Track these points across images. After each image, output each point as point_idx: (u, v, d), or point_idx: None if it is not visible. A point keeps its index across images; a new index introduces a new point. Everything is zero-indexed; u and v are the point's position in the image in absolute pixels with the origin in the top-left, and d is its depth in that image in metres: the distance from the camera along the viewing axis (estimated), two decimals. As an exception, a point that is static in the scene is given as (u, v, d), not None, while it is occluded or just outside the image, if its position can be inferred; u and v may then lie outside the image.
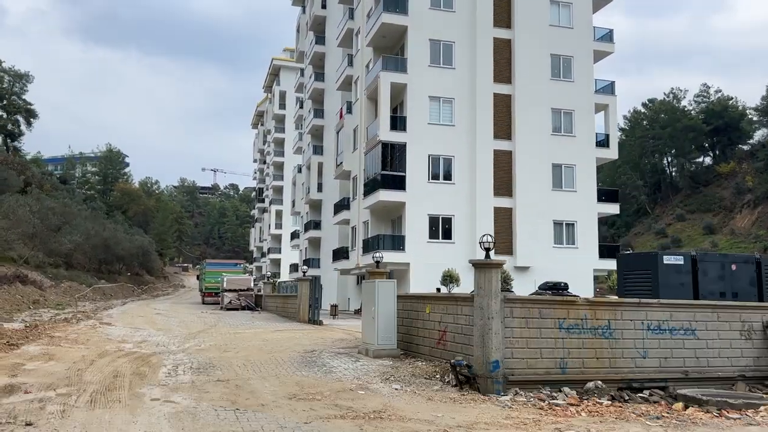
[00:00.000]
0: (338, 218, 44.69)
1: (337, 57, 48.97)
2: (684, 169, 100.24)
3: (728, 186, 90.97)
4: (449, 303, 12.45)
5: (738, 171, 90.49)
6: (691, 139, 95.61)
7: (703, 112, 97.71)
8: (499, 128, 36.79)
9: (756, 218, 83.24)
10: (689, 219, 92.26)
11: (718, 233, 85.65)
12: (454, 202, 35.62)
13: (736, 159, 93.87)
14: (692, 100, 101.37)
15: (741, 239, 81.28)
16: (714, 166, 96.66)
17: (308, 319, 23.33)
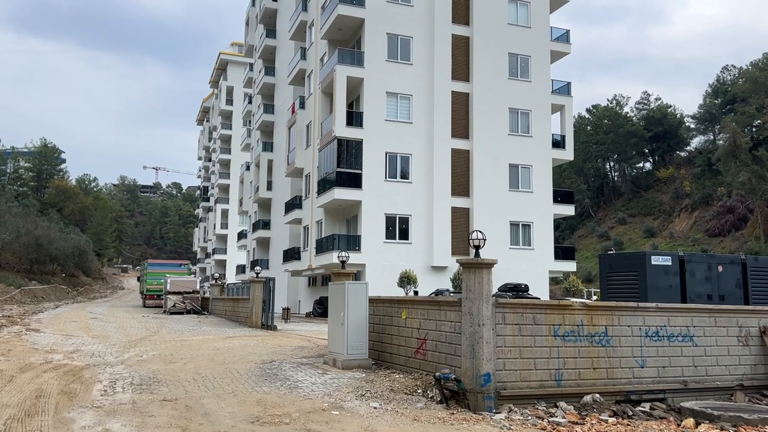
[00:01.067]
0: (289, 217, 42.80)
1: (289, 50, 47.07)
2: (626, 174, 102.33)
3: (667, 191, 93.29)
4: (431, 307, 11.04)
5: (676, 176, 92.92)
6: (633, 145, 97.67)
7: (644, 119, 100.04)
8: (457, 127, 35.77)
9: (693, 222, 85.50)
10: (631, 222, 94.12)
11: (657, 236, 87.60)
12: (411, 201, 34.37)
13: (674, 165, 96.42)
14: (633, 107, 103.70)
15: (679, 242, 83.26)
16: (654, 171, 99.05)
17: (261, 323, 21.56)
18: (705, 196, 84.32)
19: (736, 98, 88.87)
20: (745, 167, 74.66)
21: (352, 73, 34.23)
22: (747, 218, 76.88)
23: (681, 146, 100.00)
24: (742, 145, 77.62)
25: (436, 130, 35.00)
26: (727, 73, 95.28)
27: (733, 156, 78.65)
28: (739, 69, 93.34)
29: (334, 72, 34.18)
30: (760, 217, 72.90)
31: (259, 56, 54.78)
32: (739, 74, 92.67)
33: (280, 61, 51.31)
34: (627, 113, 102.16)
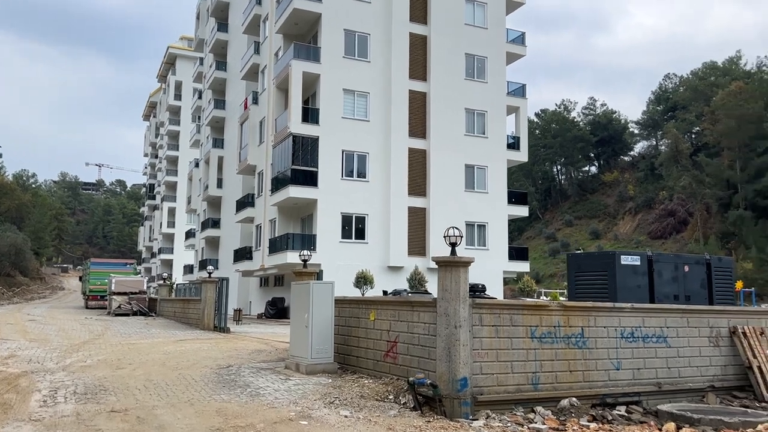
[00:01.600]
0: (241, 216, 41.55)
1: (241, 45, 45.76)
2: (572, 177, 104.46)
3: (612, 194, 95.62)
4: (402, 308, 10.43)
5: (621, 180, 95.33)
6: (580, 149, 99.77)
7: (590, 124, 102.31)
8: (414, 126, 35.36)
9: (637, 225, 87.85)
10: (577, 224, 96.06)
11: (602, 238, 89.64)
12: (368, 200, 33.75)
13: (619, 169, 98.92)
14: (580, 112, 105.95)
15: (624, 244, 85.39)
16: (599, 175, 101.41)
17: (214, 326, 20.51)
18: (648, 199, 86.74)
19: (678, 105, 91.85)
20: (686, 172, 77.09)
21: (308, 69, 33.39)
22: (687, 221, 79.42)
23: (625, 151, 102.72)
24: (683, 150, 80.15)
25: (394, 129, 34.49)
26: (668, 81, 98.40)
27: (675, 161, 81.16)
28: (680, 78, 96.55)
29: (290, 67, 33.26)
30: (699, 221, 75.35)
31: (210, 50, 53.17)
32: (680, 83, 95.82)
33: (232, 56, 49.90)
34: (574, 118, 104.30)
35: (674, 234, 79.67)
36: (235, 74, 47.19)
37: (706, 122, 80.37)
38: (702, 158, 78.10)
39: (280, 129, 34.52)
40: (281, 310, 36.55)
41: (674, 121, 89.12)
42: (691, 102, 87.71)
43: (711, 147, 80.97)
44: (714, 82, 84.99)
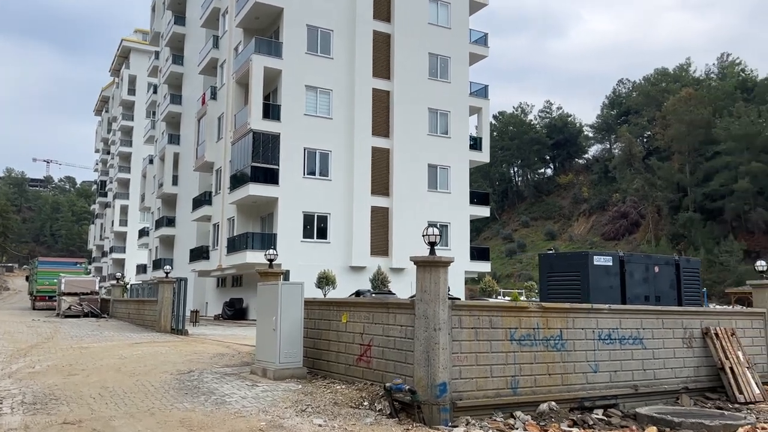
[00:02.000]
0: (198, 214, 40.38)
1: (199, 38, 44.52)
2: (529, 179, 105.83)
3: (567, 196, 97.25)
4: (377, 310, 9.97)
5: (575, 182, 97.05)
6: (536, 152, 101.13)
7: (546, 127, 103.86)
8: (378, 125, 34.95)
9: (591, 226, 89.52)
10: (533, 225, 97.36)
11: (558, 239, 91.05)
12: (330, 199, 33.17)
13: (574, 171, 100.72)
14: (537, 115, 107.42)
15: (578, 245, 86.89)
16: (555, 177, 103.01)
17: (171, 328, 19.61)
18: (601, 201, 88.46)
19: (631, 110, 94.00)
20: (639, 175, 78.88)
21: (269, 64, 32.61)
22: (639, 223, 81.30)
23: (580, 154, 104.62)
24: (636, 154, 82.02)
25: (357, 127, 34.02)
26: (622, 86, 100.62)
27: (628, 164, 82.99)
28: (633, 83, 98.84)
29: (251, 62, 32.42)
30: (651, 222, 77.22)
31: (167, 44, 51.63)
32: (632, 88, 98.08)
33: (189, 50, 48.54)
34: (531, 121, 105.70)
35: (627, 235, 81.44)
36: (193, 69, 45.92)
37: (658, 127, 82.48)
38: (654, 162, 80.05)
39: (239, 125, 33.62)
40: (239, 311, 35.65)
41: (627, 125, 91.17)
42: (644, 107, 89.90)
43: (662, 151, 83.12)
44: (665, 87, 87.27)
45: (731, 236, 68.18)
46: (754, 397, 11.29)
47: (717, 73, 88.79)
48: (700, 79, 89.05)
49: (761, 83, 79.95)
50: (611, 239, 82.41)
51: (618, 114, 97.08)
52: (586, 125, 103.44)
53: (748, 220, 70.08)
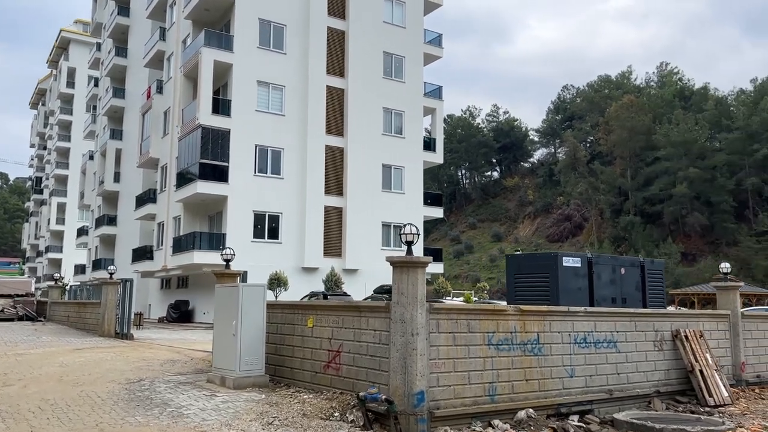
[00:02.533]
0: (141, 213, 38.67)
1: (145, 30, 42.72)
2: (476, 182, 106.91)
3: (513, 198, 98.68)
4: (348, 314, 9.32)
5: (521, 185, 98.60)
6: (483, 155, 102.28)
7: (493, 131, 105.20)
8: (332, 123, 34.21)
9: (536, 228, 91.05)
10: (480, 227, 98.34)
11: (504, 240, 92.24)
12: (282, 198, 32.22)
13: (519, 174, 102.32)
14: (484, 118, 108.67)
15: (524, 246, 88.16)
16: (501, 179, 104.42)
17: (115, 332, 18.37)
18: (546, 204, 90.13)
19: (575, 115, 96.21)
20: (583, 179, 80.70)
21: (219, 58, 31.44)
22: (582, 226, 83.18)
23: (525, 157, 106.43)
24: (580, 158, 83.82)
25: (311, 125, 33.19)
26: (566, 92, 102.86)
27: (573, 168, 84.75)
28: (577, 89, 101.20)
29: (200, 55, 31.18)
30: (594, 225, 79.05)
31: (109, 35, 49.37)
32: (577, 94, 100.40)
33: (133, 42, 46.55)
34: (478, 124, 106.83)
35: (570, 237, 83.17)
36: (137, 61, 44.05)
37: (601, 132, 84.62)
38: (597, 166, 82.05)
39: (187, 120, 32.29)
40: (185, 313, 34.27)
41: (571, 130, 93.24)
42: (587, 112, 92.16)
43: (605, 156, 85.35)
44: (608, 94, 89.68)
45: (669, 239, 70.45)
46: (723, 400, 11.21)
47: (656, 82, 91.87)
48: (640, 87, 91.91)
49: (698, 92, 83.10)
50: (555, 241, 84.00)
51: (563, 119, 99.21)
52: (531, 129, 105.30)
53: (686, 224, 72.59)
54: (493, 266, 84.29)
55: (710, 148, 73.09)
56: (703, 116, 75.18)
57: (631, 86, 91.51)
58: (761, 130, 68.88)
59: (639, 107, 79.91)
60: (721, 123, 74.04)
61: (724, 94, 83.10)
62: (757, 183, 69.28)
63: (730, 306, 12.97)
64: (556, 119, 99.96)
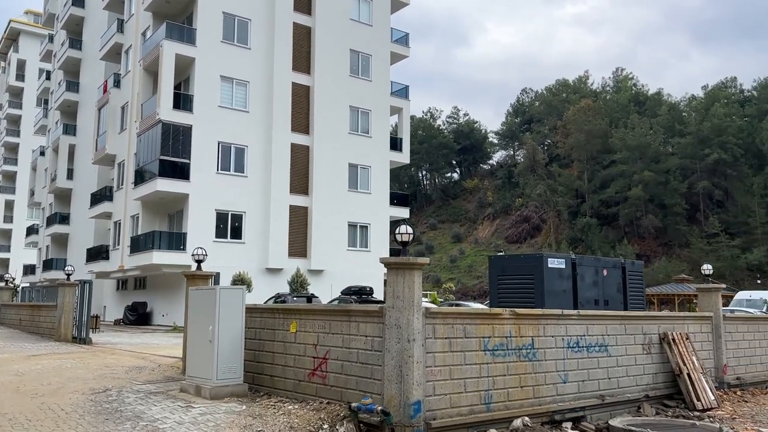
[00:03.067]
0: (97, 211, 37.08)
1: (101, 22, 41.02)
2: (437, 183, 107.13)
3: (473, 200, 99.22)
4: (336, 318, 8.73)
5: (481, 187, 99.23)
6: (444, 156, 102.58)
7: (454, 132, 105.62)
8: (297, 120, 33.42)
9: (495, 229, 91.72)
10: (440, 228, 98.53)
11: (464, 241, 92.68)
12: (246, 197, 31.28)
13: (479, 176, 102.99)
14: (445, 120, 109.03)
15: (483, 248, 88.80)
16: (461, 181, 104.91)
17: (72, 336, 17.26)
18: (505, 206, 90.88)
19: (533, 118, 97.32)
20: (542, 181, 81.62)
21: (182, 51, 30.32)
22: (540, 227, 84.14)
23: (485, 159, 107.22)
24: (540, 160, 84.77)
25: (276, 122, 32.33)
26: (525, 95, 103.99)
27: (532, 170, 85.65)
28: (536, 93, 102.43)
29: (161, 48, 30.00)
30: (552, 226, 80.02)
31: (63, 26, 47.32)
32: (535, 97, 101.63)
33: (89, 34, 44.71)
34: (439, 126, 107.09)
35: (529, 239, 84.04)
36: (93, 54, 42.31)
37: (559, 135, 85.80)
38: (556, 168, 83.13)
39: (147, 115, 31.05)
40: (143, 315, 32.98)
41: (530, 133, 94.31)
42: (546, 116, 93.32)
43: (562, 158, 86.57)
44: (566, 98, 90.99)
45: (625, 240, 71.86)
46: (710, 404, 11.04)
47: (612, 87, 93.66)
48: (597, 92, 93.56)
49: (652, 97, 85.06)
50: (514, 242, 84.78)
51: (521, 122, 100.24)
52: (491, 132, 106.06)
53: (640, 226, 74.17)
54: (454, 267, 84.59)
55: (664, 152, 74.89)
56: (657, 121, 76.99)
57: (588, 90, 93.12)
58: (712, 135, 70.90)
59: (596, 111, 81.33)
60: (674, 128, 75.95)
61: (677, 100, 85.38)
62: (708, 186, 71.27)
63: (712, 308, 12.87)
64: (515, 122, 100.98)
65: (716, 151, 69.80)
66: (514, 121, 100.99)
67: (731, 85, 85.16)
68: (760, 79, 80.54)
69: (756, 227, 65.94)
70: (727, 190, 72.26)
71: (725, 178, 71.76)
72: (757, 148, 71.50)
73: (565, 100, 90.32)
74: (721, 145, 70.11)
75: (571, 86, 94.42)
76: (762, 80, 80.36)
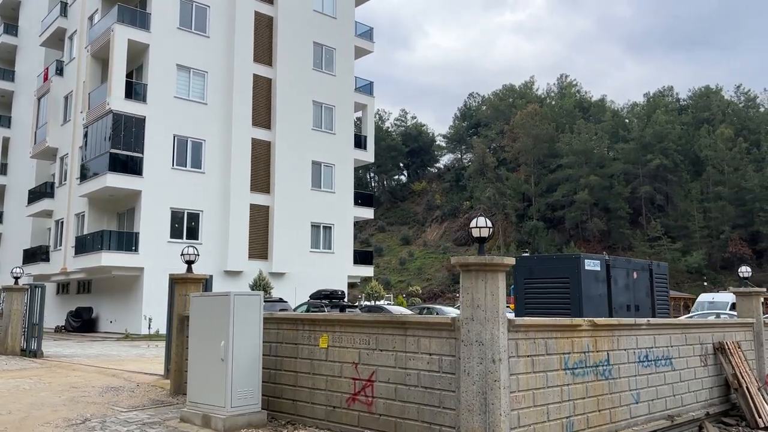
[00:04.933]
0: (35, 209, 33.71)
1: (40, 5, 37.55)
2: (385, 185, 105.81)
3: (421, 202, 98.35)
4: (386, 332, 6.97)
5: (429, 189, 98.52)
6: (392, 158, 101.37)
7: (402, 135, 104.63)
8: (259, 114, 31.24)
9: (443, 232, 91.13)
10: (389, 230, 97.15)
11: (413, 244, 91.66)
12: (203, 194, 28.89)
13: (427, 179, 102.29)
14: (393, 122, 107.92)
15: (432, 250, 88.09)
16: (409, 183, 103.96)
17: (21, 349, 14.64)
18: (453, 208, 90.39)
19: (481, 122, 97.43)
20: (491, 184, 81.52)
21: (134, 37, 27.71)
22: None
23: (432, 162, 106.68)
24: (489, 164, 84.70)
25: (236, 116, 30.07)
26: (472, 99, 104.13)
27: (481, 173, 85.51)
28: (483, 97, 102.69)
29: (113, 32, 27.30)
30: (501, 229, 79.98)
31: (-4, 10, 43.30)
32: (482, 102, 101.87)
33: (26, 18, 40.95)
34: (388, 128, 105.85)
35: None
36: (30, 40, 38.73)
37: (507, 139, 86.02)
38: (504, 172, 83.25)
39: (95, 105, 28.23)
40: (87, 322, 30.01)
41: (477, 136, 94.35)
42: (493, 120, 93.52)
43: (509, 162, 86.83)
44: (512, 103, 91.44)
45: (572, 243, 72.47)
46: (770, 419, 9.90)
47: (557, 93, 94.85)
48: (542, 97, 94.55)
49: (596, 104, 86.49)
50: (462, 245, 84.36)
51: (468, 126, 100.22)
52: (439, 135, 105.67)
53: (585, 229, 75.01)
54: (403, 269, 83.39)
55: (608, 157, 76.05)
56: (602, 127, 78.19)
57: (533, 96, 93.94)
58: (654, 141, 72.45)
59: (542, 116, 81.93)
60: (618, 134, 77.29)
61: (620, 107, 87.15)
62: (650, 191, 72.76)
63: (752, 313, 11.81)
64: (463, 126, 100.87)
65: (658, 156, 71.35)
66: (461, 125, 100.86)
67: (668, 93, 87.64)
68: (695, 89, 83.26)
69: (695, 231, 67.67)
70: (668, 194, 74.03)
71: (666, 183, 73.47)
72: (695, 155, 73.59)
73: (512, 105, 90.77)
74: (662, 151, 71.72)
75: (518, 91, 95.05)
76: (696, 90, 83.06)
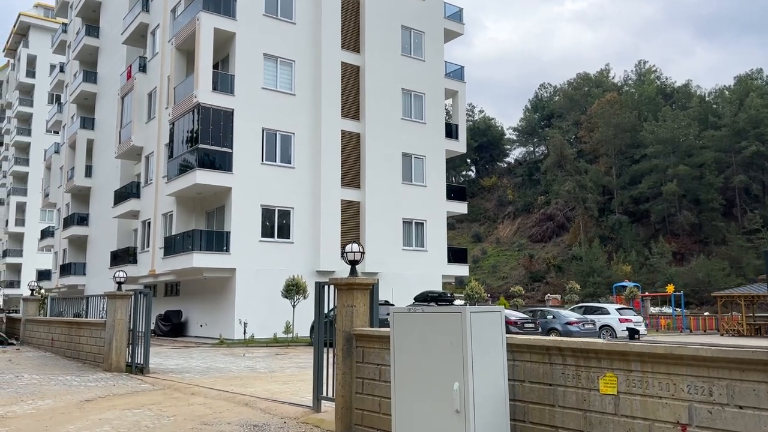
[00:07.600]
0: (122, 210, 32.56)
1: (121, 4, 36.58)
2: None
3: (491, 198, 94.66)
4: (746, 375, 4.25)
5: (499, 185, 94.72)
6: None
7: (470, 130, 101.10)
8: (347, 104, 29.00)
9: (517, 228, 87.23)
10: (459, 228, 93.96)
11: (484, 241, 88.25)
12: (293, 191, 26.85)
13: (497, 174, 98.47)
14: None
15: (505, 247, 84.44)
16: (478, 179, 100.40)
17: (126, 364, 12.67)
18: (527, 204, 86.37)
19: (554, 114, 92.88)
20: (570, 177, 77.15)
21: (220, 25, 25.91)
22: (566, 225, 79.56)
23: (502, 157, 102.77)
24: (567, 156, 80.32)
25: (325, 107, 27.90)
26: (544, 90, 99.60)
27: (559, 166, 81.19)
28: (554, 88, 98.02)
29: (198, 21, 25.56)
30: (582, 224, 75.54)
31: (78, 14, 42.83)
32: (554, 92, 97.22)
33: (107, 20, 40.21)
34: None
35: (554, 237, 79.58)
36: (111, 41, 37.88)
37: (584, 130, 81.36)
38: (582, 164, 78.70)
39: (181, 99, 26.60)
40: (177, 326, 28.54)
41: (550, 128, 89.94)
42: (568, 111, 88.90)
43: (587, 154, 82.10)
44: (588, 92, 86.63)
45: (660, 238, 67.43)
46: None
47: (635, 80, 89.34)
48: (619, 85, 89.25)
49: (680, 89, 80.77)
50: (538, 241, 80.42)
51: (541, 117, 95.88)
52: (509, 128, 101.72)
53: (673, 223, 69.75)
54: (476, 267, 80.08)
55: (698, 145, 70.49)
56: (689, 113, 72.69)
57: (610, 84, 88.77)
58: (748, 127, 66.59)
59: (622, 104, 76.95)
60: (708, 120, 71.60)
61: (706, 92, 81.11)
62: (745, 180, 66.94)
63: None
64: (535, 118, 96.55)
65: (754, 143, 65.47)
66: (533, 117, 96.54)
67: (757, 77, 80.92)
68: (787, 70, 76.34)
69: (799, 222, 61.63)
70: (765, 183, 67.97)
71: (763, 171, 67.44)
72: (794, 140, 67.23)
73: (587, 94, 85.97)
74: (758, 137, 65.80)
75: (593, 80, 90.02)
76: (790, 71, 76.16)
